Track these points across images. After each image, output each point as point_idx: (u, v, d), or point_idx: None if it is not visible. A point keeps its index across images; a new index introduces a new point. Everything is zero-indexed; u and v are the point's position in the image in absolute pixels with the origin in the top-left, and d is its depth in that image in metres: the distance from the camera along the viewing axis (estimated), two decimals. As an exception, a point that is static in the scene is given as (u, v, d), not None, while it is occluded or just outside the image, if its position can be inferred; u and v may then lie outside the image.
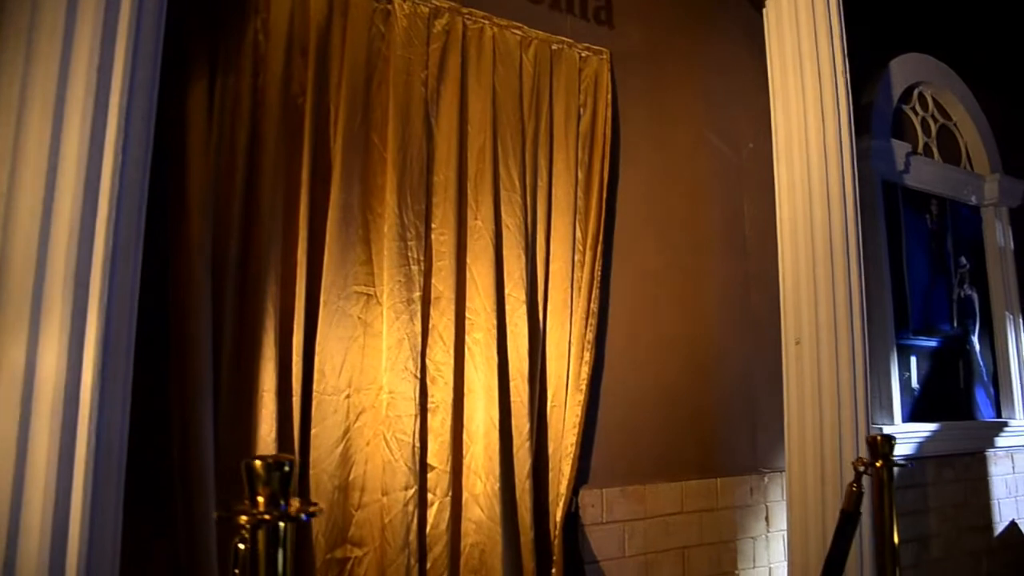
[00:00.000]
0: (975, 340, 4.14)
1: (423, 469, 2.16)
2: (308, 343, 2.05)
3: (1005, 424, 4.10)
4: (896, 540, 1.69)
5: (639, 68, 2.96)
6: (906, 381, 3.70)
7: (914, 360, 3.77)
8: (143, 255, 1.50)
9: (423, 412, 2.18)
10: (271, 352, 1.95)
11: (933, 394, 3.81)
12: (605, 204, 2.66)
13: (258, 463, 0.85)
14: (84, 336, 1.34)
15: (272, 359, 1.95)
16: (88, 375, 1.33)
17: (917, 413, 3.69)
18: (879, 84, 3.81)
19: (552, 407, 2.48)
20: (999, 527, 3.97)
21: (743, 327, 3.12)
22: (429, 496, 2.16)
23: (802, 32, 2.75)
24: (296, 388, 2.00)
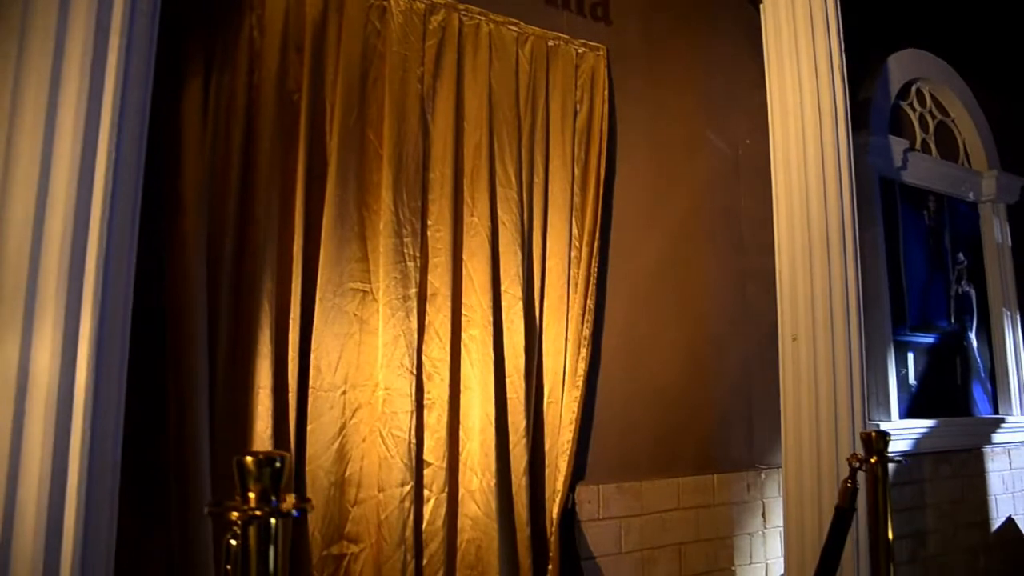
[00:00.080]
0: (972, 336, 4.14)
1: (419, 465, 2.16)
2: (304, 340, 2.05)
3: (1002, 420, 4.10)
4: (891, 536, 1.69)
5: (636, 64, 2.96)
6: (903, 377, 3.70)
7: (911, 356, 3.78)
8: (138, 252, 1.49)
9: (419, 408, 2.19)
10: (267, 349, 1.95)
11: (930, 390, 3.82)
12: (601, 200, 2.65)
13: (249, 459, 0.85)
14: (78, 333, 1.34)
15: (268, 356, 1.95)
16: (82, 372, 1.33)
17: (914, 409, 3.70)
18: (877, 80, 3.80)
19: (548, 403, 2.48)
20: (996, 523, 3.98)
21: (740, 323, 3.12)
22: (425, 492, 2.16)
23: (799, 27, 2.75)
24: (292, 385, 2.00)
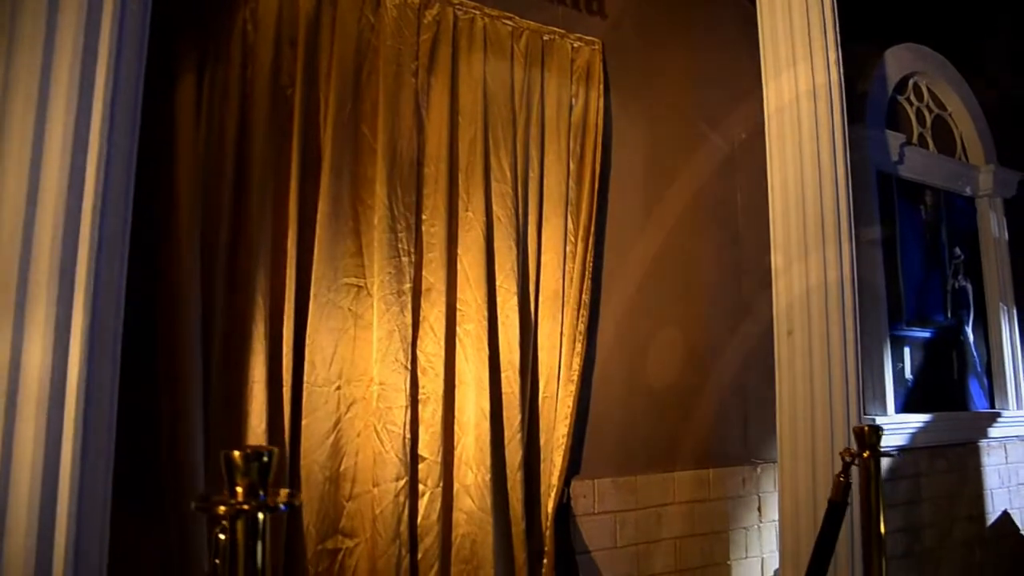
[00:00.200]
0: (969, 331, 4.14)
1: (414, 460, 2.16)
2: (298, 335, 2.05)
3: (998, 415, 4.10)
4: (883, 530, 1.70)
5: (631, 58, 2.95)
6: (899, 372, 3.70)
7: (908, 351, 3.78)
8: (131, 247, 1.49)
9: (414, 403, 2.19)
10: (261, 344, 1.95)
11: (927, 385, 3.82)
12: (597, 195, 2.65)
13: (236, 454, 0.85)
14: (70, 329, 1.33)
15: (262, 351, 1.95)
16: (74, 368, 1.32)
17: (911, 404, 3.70)
18: (874, 74, 3.79)
19: (544, 398, 2.48)
20: (992, 517, 3.99)
21: (735, 317, 3.12)
22: (420, 487, 2.17)
23: (795, 21, 2.73)
24: (286, 380, 2.00)
